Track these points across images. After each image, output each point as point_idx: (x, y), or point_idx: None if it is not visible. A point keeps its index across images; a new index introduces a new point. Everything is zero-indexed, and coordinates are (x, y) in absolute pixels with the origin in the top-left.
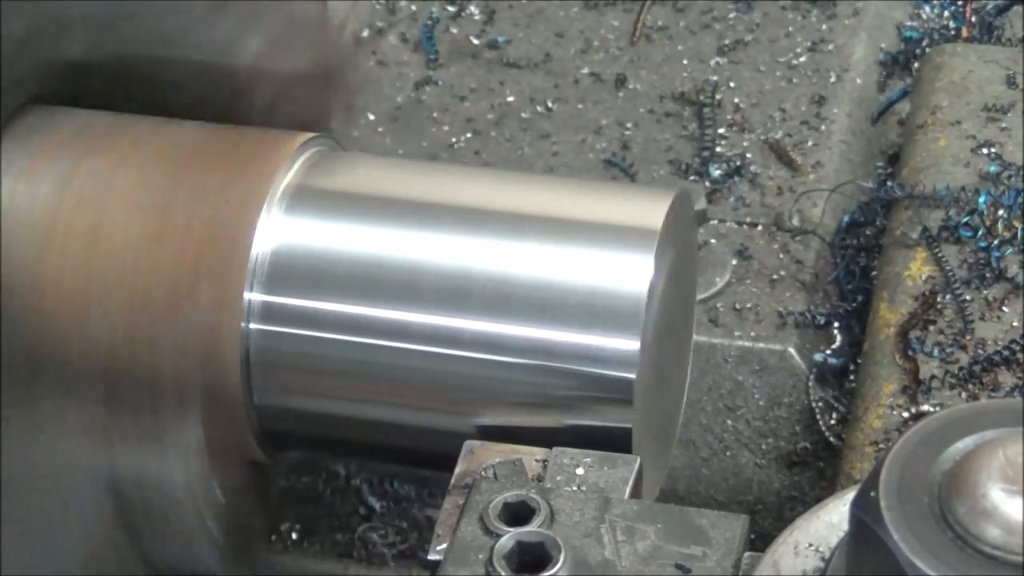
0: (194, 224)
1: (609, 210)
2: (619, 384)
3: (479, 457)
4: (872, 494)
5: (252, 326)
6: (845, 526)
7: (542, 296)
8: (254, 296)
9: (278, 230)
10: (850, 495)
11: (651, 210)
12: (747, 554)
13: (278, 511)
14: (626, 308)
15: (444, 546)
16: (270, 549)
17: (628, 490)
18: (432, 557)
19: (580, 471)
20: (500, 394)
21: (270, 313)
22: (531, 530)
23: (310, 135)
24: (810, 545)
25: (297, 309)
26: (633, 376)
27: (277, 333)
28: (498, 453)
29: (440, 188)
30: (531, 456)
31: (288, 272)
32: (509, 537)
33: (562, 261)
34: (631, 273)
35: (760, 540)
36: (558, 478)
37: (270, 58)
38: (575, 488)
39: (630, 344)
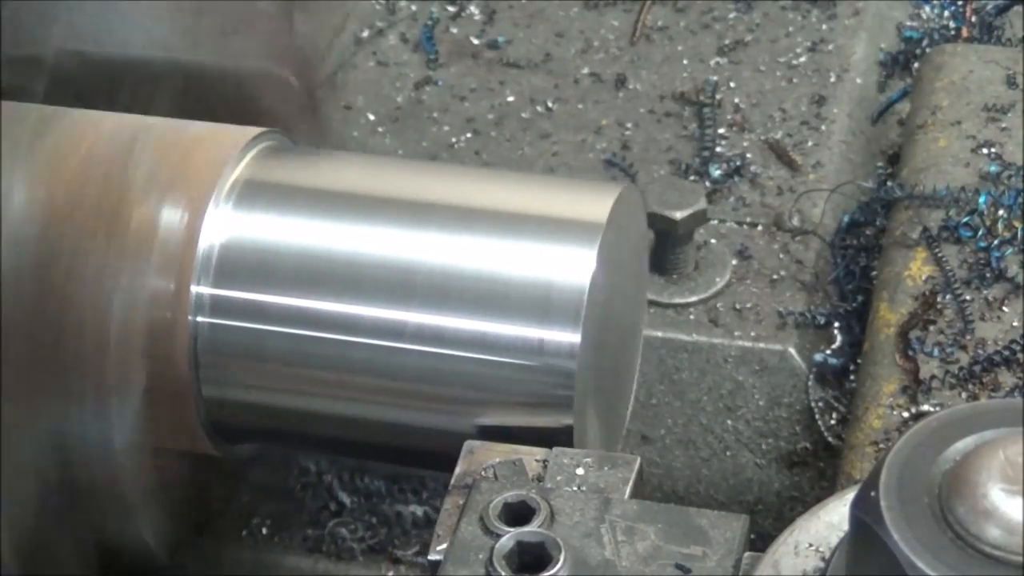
0: (143, 217)
1: (554, 204)
2: (560, 376)
3: (479, 457)
4: (872, 494)
5: (200, 319)
6: (845, 526)
7: (485, 289)
8: (202, 289)
9: (226, 224)
10: (850, 495)
11: (596, 204)
12: (747, 554)
13: (248, 506)
14: (568, 301)
15: (444, 546)
16: (240, 544)
17: (628, 490)
18: (432, 557)
19: (580, 471)
20: (445, 386)
21: (218, 306)
22: (531, 530)
23: (261, 130)
24: (810, 545)
25: (244, 302)
26: (574, 368)
27: (225, 326)
28: (498, 453)
29: (387, 182)
30: (531, 456)
31: (235, 266)
32: (509, 537)
33: (506, 254)
34: (574, 266)
35: (760, 540)
36: (558, 478)
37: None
38: (575, 488)
39: (571, 337)
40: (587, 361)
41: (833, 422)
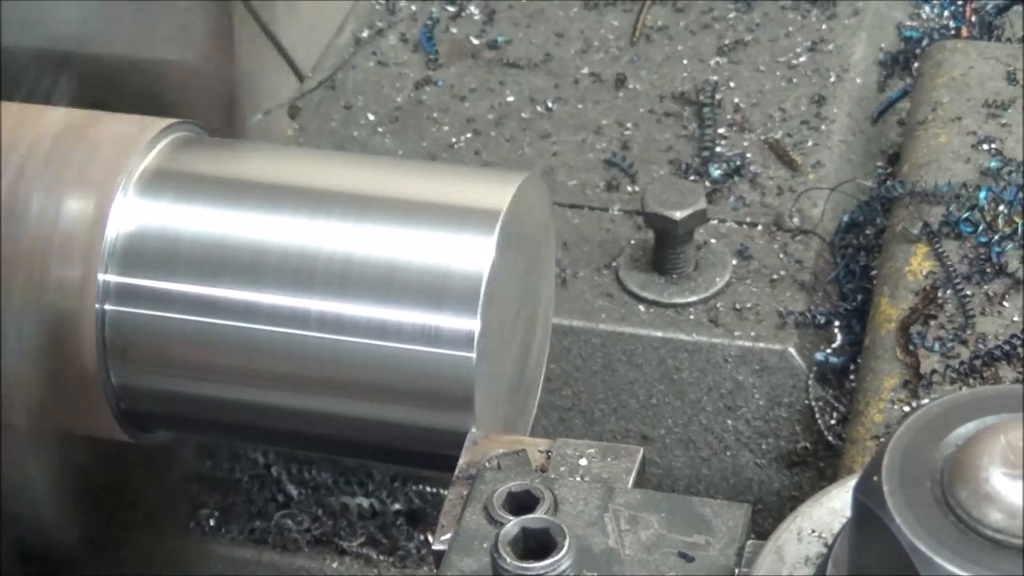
0: (51, 205)
1: (456, 192)
2: (458, 364)
3: (483, 448)
4: (875, 479)
5: (107, 307)
6: (848, 512)
7: (385, 276)
8: (109, 277)
9: (134, 212)
10: (852, 482)
11: (497, 192)
12: (750, 542)
13: (195, 497)
14: (465, 288)
15: (449, 535)
16: (186, 535)
17: (631, 480)
18: (437, 547)
19: (583, 461)
20: (347, 373)
21: (125, 294)
22: (536, 516)
23: (172, 120)
24: (813, 531)
25: (150, 290)
26: (472, 355)
27: (131, 314)
28: (502, 444)
29: (292, 172)
30: (534, 447)
31: (141, 254)
32: (514, 524)
33: (406, 241)
34: (472, 253)
35: (761, 540)
36: (561, 468)
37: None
38: (579, 478)
39: (469, 324)
40: (486, 349)
41: (833, 422)
